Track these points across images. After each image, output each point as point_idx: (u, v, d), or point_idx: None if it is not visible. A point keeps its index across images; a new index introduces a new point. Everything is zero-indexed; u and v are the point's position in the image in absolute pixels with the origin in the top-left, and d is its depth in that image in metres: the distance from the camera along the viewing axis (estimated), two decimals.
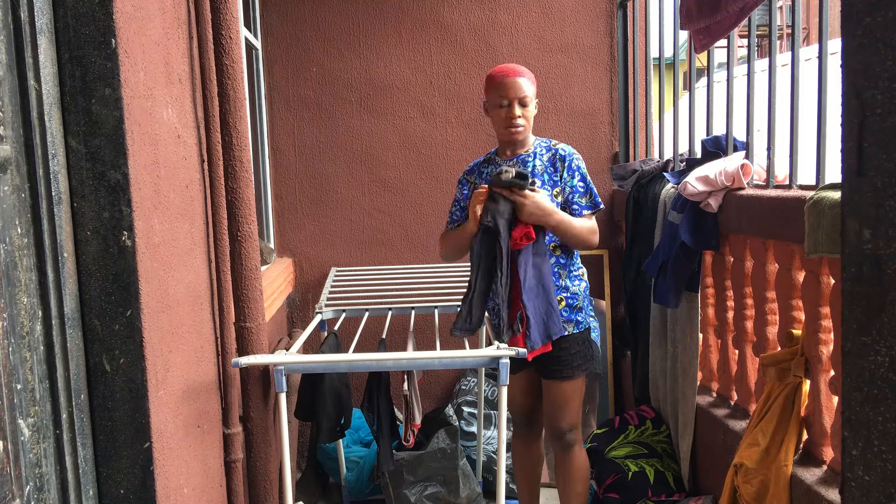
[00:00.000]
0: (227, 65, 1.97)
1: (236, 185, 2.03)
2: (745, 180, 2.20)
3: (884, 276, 0.82)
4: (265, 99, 3.45)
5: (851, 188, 0.86)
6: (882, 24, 0.81)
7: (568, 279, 2.29)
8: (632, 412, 2.84)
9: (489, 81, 2.25)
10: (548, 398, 2.36)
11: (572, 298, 2.29)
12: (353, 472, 3.07)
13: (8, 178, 1.22)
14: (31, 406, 1.26)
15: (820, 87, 1.88)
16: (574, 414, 2.34)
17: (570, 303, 2.28)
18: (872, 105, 0.82)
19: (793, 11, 2.06)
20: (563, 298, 2.27)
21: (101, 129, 1.38)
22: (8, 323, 1.20)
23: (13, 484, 1.18)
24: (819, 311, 1.85)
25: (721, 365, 2.47)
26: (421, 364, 2.18)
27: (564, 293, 2.28)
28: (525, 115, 2.22)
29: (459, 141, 3.55)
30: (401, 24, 3.49)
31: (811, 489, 1.75)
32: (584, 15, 3.50)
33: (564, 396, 2.32)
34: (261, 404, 2.17)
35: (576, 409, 2.34)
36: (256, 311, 2.13)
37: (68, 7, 1.34)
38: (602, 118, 3.55)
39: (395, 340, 3.32)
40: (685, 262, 2.40)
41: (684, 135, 2.87)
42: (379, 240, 3.59)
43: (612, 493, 2.61)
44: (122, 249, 1.41)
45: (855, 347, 0.86)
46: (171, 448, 1.58)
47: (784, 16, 11.57)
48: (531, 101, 2.23)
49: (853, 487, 0.88)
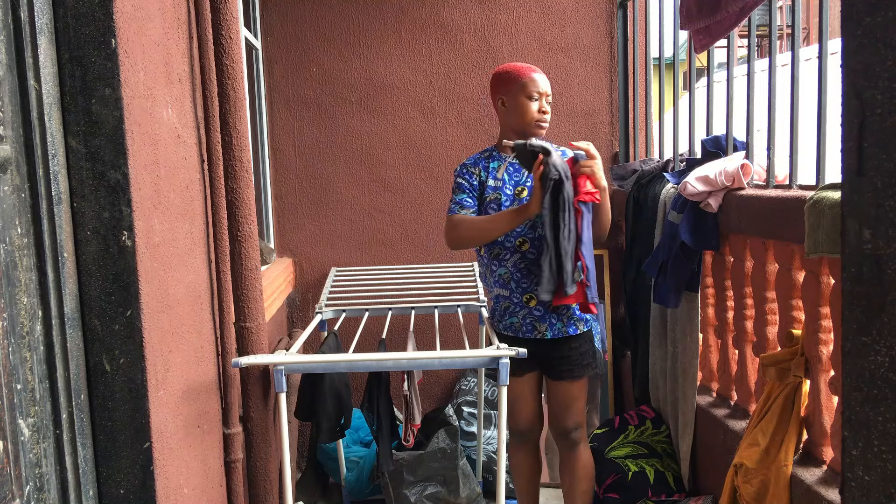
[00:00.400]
0: (227, 65, 1.97)
1: (236, 185, 2.03)
2: (745, 180, 2.20)
3: (884, 276, 0.82)
4: (265, 99, 3.45)
5: (851, 188, 0.86)
6: (882, 24, 0.81)
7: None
8: (632, 412, 2.84)
9: (511, 76, 2.26)
10: (555, 398, 2.36)
11: None
12: (353, 472, 3.07)
13: (8, 178, 1.22)
14: (31, 406, 1.26)
15: (820, 87, 1.88)
16: (580, 413, 2.36)
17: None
18: (872, 105, 0.82)
19: (793, 11, 2.06)
20: None
21: (101, 129, 1.38)
22: (8, 323, 1.20)
23: (13, 484, 1.18)
24: (819, 311, 1.85)
25: (721, 365, 2.47)
26: (421, 364, 2.18)
27: None
28: (548, 112, 2.28)
29: (459, 141, 3.55)
30: (401, 24, 3.49)
31: (811, 489, 1.75)
32: (584, 15, 3.50)
33: (572, 396, 2.33)
34: (261, 404, 2.17)
35: (582, 408, 2.37)
36: (256, 311, 2.13)
37: (68, 7, 1.34)
38: (602, 118, 3.55)
39: (395, 340, 3.31)
40: (685, 262, 2.40)
41: (684, 135, 2.87)
42: (379, 240, 3.59)
43: (612, 493, 2.61)
44: (122, 249, 1.41)
45: (855, 347, 0.86)
46: (171, 448, 1.58)
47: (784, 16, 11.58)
48: None
49: (853, 487, 0.88)
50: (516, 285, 2.27)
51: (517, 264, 2.26)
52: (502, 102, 2.28)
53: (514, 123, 2.27)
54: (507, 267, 2.27)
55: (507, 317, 2.32)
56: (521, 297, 2.27)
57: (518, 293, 2.27)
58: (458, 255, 3.57)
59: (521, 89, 2.23)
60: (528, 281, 2.25)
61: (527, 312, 2.28)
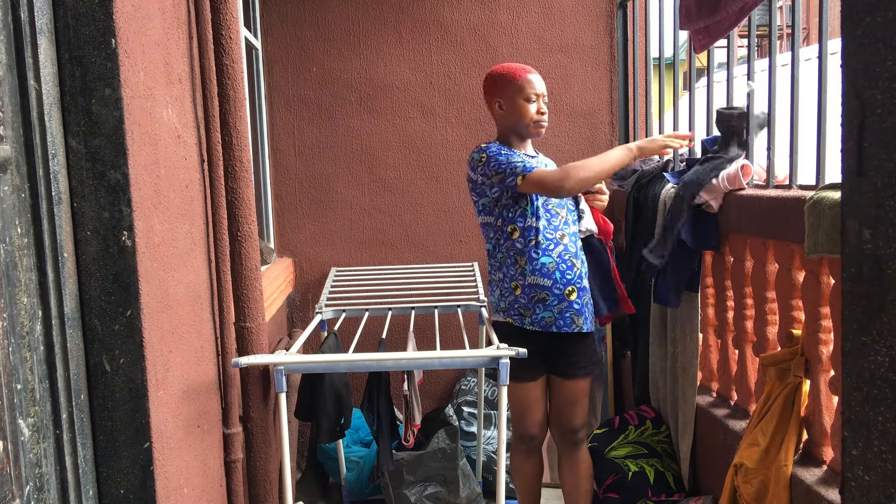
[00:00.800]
0: (227, 65, 1.97)
1: (236, 185, 2.03)
2: (744, 181, 2.20)
3: (884, 276, 0.82)
4: (265, 99, 3.45)
5: (851, 188, 0.86)
6: (882, 24, 0.81)
7: (584, 278, 2.32)
8: (632, 412, 2.84)
9: (507, 78, 2.25)
10: (560, 397, 2.36)
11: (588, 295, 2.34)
12: (353, 472, 3.07)
13: (8, 178, 1.22)
14: (31, 406, 1.26)
15: (820, 87, 1.87)
16: (584, 412, 2.38)
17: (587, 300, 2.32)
18: (872, 105, 0.82)
19: (793, 11, 2.06)
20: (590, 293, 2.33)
21: (101, 129, 1.38)
22: (8, 323, 1.20)
23: (13, 484, 1.18)
24: (819, 311, 1.84)
25: (721, 365, 2.47)
26: (421, 364, 2.18)
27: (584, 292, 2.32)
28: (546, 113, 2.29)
29: (459, 141, 3.55)
30: (401, 24, 3.49)
31: (811, 489, 1.75)
32: (584, 15, 3.50)
33: (578, 394, 2.35)
34: (261, 404, 2.17)
35: (585, 407, 2.38)
36: (256, 311, 2.13)
37: (68, 7, 1.34)
38: (602, 118, 3.55)
39: (395, 340, 3.31)
40: (685, 262, 2.40)
41: None
42: (379, 240, 3.59)
43: (611, 493, 2.60)
44: (122, 249, 1.41)
45: (855, 347, 0.86)
46: (171, 448, 1.58)
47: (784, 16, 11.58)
48: None
49: (853, 487, 0.88)
50: (561, 276, 2.23)
51: (562, 255, 2.24)
52: (499, 105, 2.28)
53: (514, 125, 2.27)
54: (552, 256, 2.22)
55: (540, 310, 2.23)
56: (563, 290, 2.24)
57: (562, 284, 2.23)
58: (458, 255, 3.57)
59: (519, 91, 2.23)
60: (572, 272, 2.25)
61: (566, 305, 2.24)
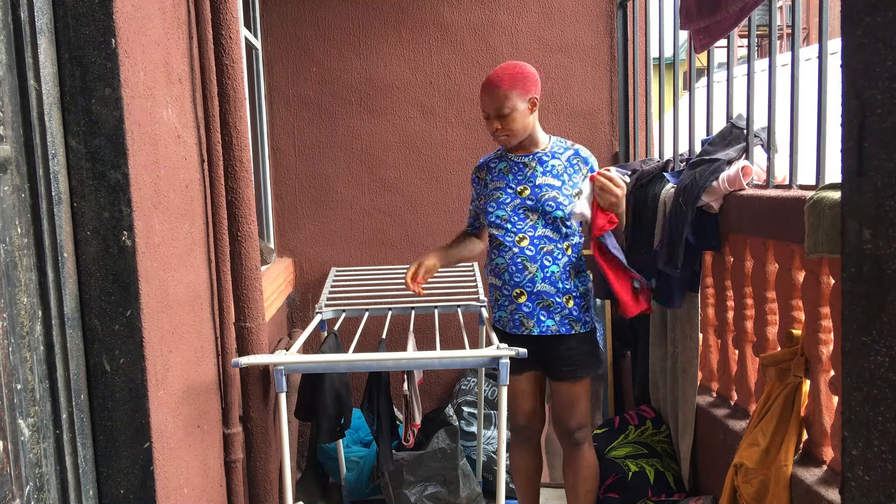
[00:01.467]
0: (227, 65, 1.97)
1: (236, 185, 2.03)
2: (744, 181, 2.20)
3: (884, 276, 0.82)
4: (265, 99, 3.45)
5: (851, 188, 0.86)
6: (882, 24, 0.81)
7: (577, 279, 2.31)
8: (632, 412, 2.84)
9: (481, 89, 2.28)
10: (557, 399, 2.37)
11: (581, 298, 2.31)
12: (353, 472, 3.07)
13: (8, 178, 1.22)
14: (31, 406, 1.26)
15: (820, 87, 1.87)
16: (583, 413, 2.37)
17: (578, 302, 2.30)
18: (872, 105, 0.82)
19: (793, 11, 2.05)
20: (572, 297, 2.30)
21: (101, 129, 1.38)
22: (8, 323, 1.20)
23: (13, 484, 1.18)
24: (819, 311, 1.84)
25: (721, 365, 2.47)
26: (421, 364, 2.18)
27: (575, 292, 2.30)
28: (506, 127, 2.22)
29: (459, 141, 3.55)
30: (401, 24, 3.49)
31: (811, 489, 1.75)
32: (584, 15, 3.50)
33: (574, 397, 2.34)
34: (261, 404, 2.17)
35: (585, 408, 2.37)
36: (256, 311, 2.13)
37: (68, 7, 1.34)
38: (602, 118, 3.55)
39: (395, 340, 3.32)
40: (686, 263, 2.40)
41: (684, 135, 2.87)
42: (379, 240, 3.59)
43: (612, 493, 2.61)
44: (122, 249, 1.41)
45: (855, 347, 0.86)
46: (171, 448, 1.58)
47: (784, 16, 11.58)
48: (515, 110, 2.19)
49: (853, 487, 0.88)
50: (510, 277, 2.28)
51: (514, 258, 2.27)
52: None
53: None
54: (505, 258, 2.29)
55: (497, 310, 2.37)
56: (511, 291, 2.29)
57: (510, 286, 2.28)
58: None
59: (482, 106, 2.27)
60: (521, 275, 2.26)
61: (515, 308, 2.29)
